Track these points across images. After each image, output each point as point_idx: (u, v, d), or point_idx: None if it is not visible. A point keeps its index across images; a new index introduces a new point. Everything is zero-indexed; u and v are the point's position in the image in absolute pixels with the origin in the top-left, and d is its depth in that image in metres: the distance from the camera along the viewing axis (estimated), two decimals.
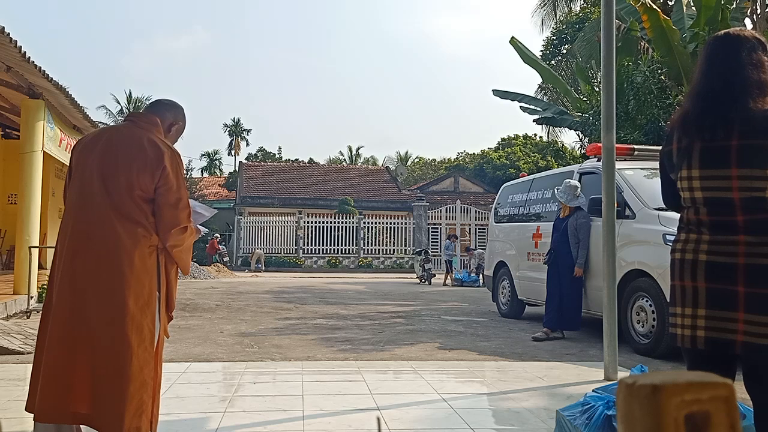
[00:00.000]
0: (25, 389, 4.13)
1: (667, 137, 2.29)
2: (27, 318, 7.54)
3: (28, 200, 8.65)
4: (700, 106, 2.15)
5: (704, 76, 2.20)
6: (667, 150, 2.27)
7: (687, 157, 2.16)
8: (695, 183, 2.14)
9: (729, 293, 2.03)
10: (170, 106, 2.79)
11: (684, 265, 2.15)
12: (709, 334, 2.07)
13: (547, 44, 26.25)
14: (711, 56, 2.22)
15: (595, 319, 6.52)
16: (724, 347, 2.05)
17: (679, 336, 2.16)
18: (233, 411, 3.52)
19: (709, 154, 2.10)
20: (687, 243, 2.16)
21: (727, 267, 2.04)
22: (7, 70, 7.79)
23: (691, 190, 2.16)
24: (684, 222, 2.22)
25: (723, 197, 2.08)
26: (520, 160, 33.16)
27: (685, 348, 2.16)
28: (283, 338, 6.46)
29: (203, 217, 3.07)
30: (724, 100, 2.10)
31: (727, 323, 2.04)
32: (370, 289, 14.42)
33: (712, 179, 2.10)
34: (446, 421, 3.41)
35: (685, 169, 2.17)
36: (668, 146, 2.25)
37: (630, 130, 11.82)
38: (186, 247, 2.64)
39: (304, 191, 30.51)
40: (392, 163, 50.25)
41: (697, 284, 2.10)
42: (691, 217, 2.18)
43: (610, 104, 4.63)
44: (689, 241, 2.16)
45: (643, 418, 0.68)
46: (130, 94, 45.27)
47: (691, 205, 2.18)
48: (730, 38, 2.20)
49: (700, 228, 2.13)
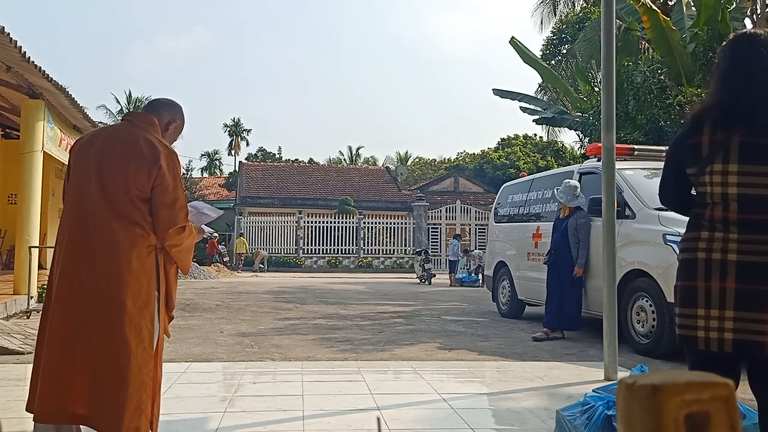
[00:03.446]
0: (25, 389, 4.12)
1: (691, 129, 2.15)
2: (27, 318, 7.53)
3: (28, 200, 8.65)
4: (741, 100, 2.07)
5: (741, 70, 2.12)
6: (692, 142, 2.13)
7: (724, 150, 2.05)
8: (731, 178, 2.04)
9: (760, 294, 1.98)
10: (167, 104, 2.77)
11: (710, 265, 2.05)
12: (737, 336, 2.00)
13: (547, 44, 26.24)
14: (753, 50, 2.13)
15: (595, 319, 6.52)
16: (751, 349, 2.00)
17: (701, 339, 2.06)
18: (233, 411, 3.52)
19: (752, 150, 2.02)
20: (712, 242, 2.06)
21: (759, 267, 1.99)
22: (7, 70, 7.79)
23: (724, 185, 2.05)
24: (706, 219, 2.10)
25: (760, 195, 2.02)
26: (520, 160, 33.15)
27: (709, 351, 2.06)
28: (283, 338, 6.46)
29: (209, 217, 3.04)
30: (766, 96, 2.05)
31: (755, 324, 1.99)
32: (370, 289, 14.42)
33: (752, 175, 2.03)
34: (446, 421, 3.41)
35: (719, 163, 2.05)
36: (694, 138, 2.12)
37: (630, 130, 11.82)
38: (185, 247, 2.62)
39: (304, 191, 30.51)
40: (392, 163, 50.27)
41: (725, 285, 2.02)
42: (717, 214, 2.07)
43: (610, 104, 4.63)
44: (714, 239, 2.06)
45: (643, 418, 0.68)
46: (129, 94, 45.35)
47: (720, 202, 2.07)
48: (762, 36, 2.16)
49: (728, 226, 2.04)
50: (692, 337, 2.10)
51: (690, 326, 2.10)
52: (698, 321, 2.07)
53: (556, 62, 24.83)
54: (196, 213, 2.96)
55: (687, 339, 2.12)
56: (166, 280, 2.59)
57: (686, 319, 2.12)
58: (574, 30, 22.50)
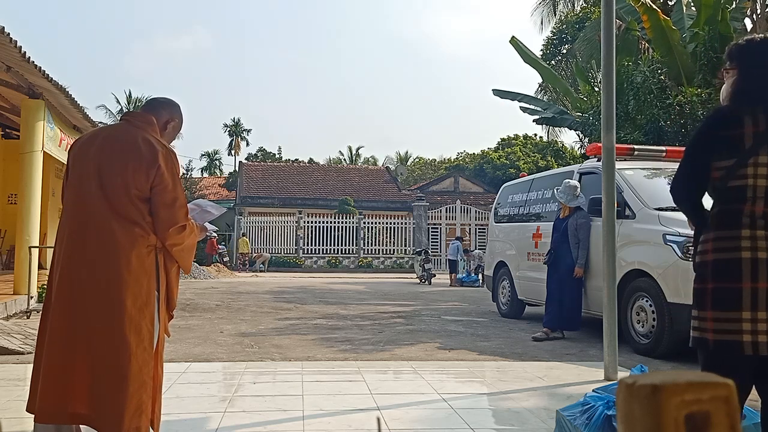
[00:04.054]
0: (25, 389, 4.13)
1: (727, 119, 2.08)
2: (27, 318, 7.54)
3: (28, 200, 8.65)
4: None
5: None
6: (731, 134, 2.04)
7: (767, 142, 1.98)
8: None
9: None
10: (165, 103, 2.77)
11: (756, 265, 1.95)
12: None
13: (547, 44, 26.24)
14: None
15: (595, 319, 6.52)
16: None
17: (748, 343, 1.94)
18: (233, 411, 3.52)
19: None
20: (756, 240, 1.97)
21: None
22: (7, 70, 7.79)
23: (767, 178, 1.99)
24: (746, 215, 2.00)
25: None
26: (520, 160, 33.15)
27: (758, 355, 1.95)
28: (283, 338, 6.46)
29: (212, 215, 3.02)
30: None
31: None
32: (370, 289, 14.42)
33: None
34: (446, 421, 3.41)
35: (765, 155, 1.98)
36: (733, 129, 2.04)
37: (630, 130, 11.82)
38: (186, 246, 2.62)
39: (304, 191, 30.51)
40: (392, 163, 50.27)
41: (757, 285, 1.93)
42: (759, 209, 1.99)
43: (610, 104, 4.63)
44: (758, 237, 1.97)
45: (643, 418, 0.68)
46: (129, 94, 45.37)
47: (763, 196, 1.99)
48: None
49: (757, 222, 1.98)
50: (736, 343, 1.96)
51: (733, 331, 1.96)
52: (743, 324, 1.94)
53: (556, 62, 24.82)
54: (199, 211, 2.95)
55: (727, 345, 1.98)
56: (167, 280, 2.59)
57: (727, 323, 1.97)
58: (574, 30, 22.50)
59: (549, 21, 26.74)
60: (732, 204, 2.04)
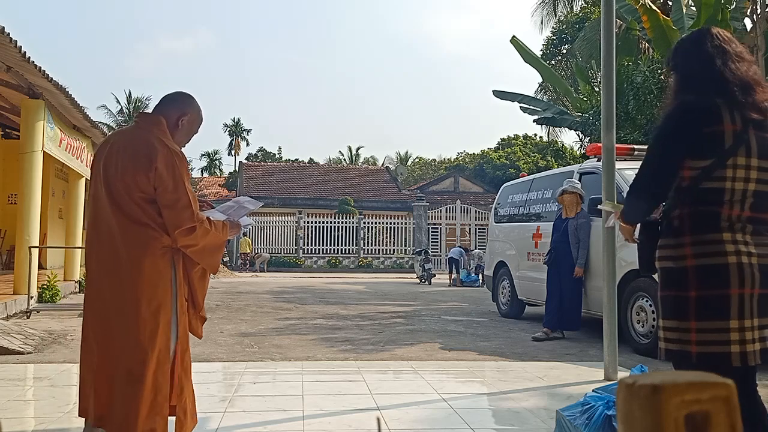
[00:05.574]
0: (24, 389, 4.13)
1: (710, 115, 1.89)
2: (27, 318, 7.53)
3: (28, 200, 8.65)
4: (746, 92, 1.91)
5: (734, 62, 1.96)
6: (714, 130, 1.88)
7: (746, 142, 1.87)
8: (752, 173, 1.87)
9: None
10: (174, 99, 2.69)
11: (743, 270, 1.84)
12: (764, 345, 1.85)
13: (547, 44, 26.26)
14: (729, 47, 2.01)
15: (595, 319, 6.52)
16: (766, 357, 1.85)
17: (737, 354, 1.82)
18: (233, 411, 3.52)
19: (763, 143, 1.89)
20: (737, 244, 1.86)
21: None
22: (7, 70, 7.79)
23: (747, 181, 1.87)
24: (724, 219, 1.88)
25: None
26: (520, 160, 33.16)
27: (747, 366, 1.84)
28: (283, 338, 6.46)
29: (247, 209, 2.94)
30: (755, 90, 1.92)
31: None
32: (370, 289, 14.41)
33: (765, 171, 1.89)
34: (446, 421, 3.40)
35: (743, 157, 1.86)
36: (714, 126, 1.88)
37: (630, 130, 11.83)
38: (203, 248, 2.54)
39: (304, 191, 30.52)
40: (392, 163, 50.28)
41: (743, 291, 1.83)
42: (736, 212, 1.87)
43: (610, 104, 4.63)
44: (738, 241, 1.86)
45: (643, 418, 0.68)
46: (129, 94, 45.38)
47: (740, 199, 1.87)
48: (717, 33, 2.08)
49: (744, 226, 1.87)
50: (724, 355, 1.83)
51: (720, 342, 1.84)
52: (732, 335, 1.82)
53: (556, 62, 24.85)
54: (236, 207, 2.92)
55: (714, 357, 1.84)
56: (188, 281, 2.59)
57: (713, 334, 1.84)
58: (574, 30, 22.52)
59: (549, 21, 26.76)
60: (710, 206, 1.90)
